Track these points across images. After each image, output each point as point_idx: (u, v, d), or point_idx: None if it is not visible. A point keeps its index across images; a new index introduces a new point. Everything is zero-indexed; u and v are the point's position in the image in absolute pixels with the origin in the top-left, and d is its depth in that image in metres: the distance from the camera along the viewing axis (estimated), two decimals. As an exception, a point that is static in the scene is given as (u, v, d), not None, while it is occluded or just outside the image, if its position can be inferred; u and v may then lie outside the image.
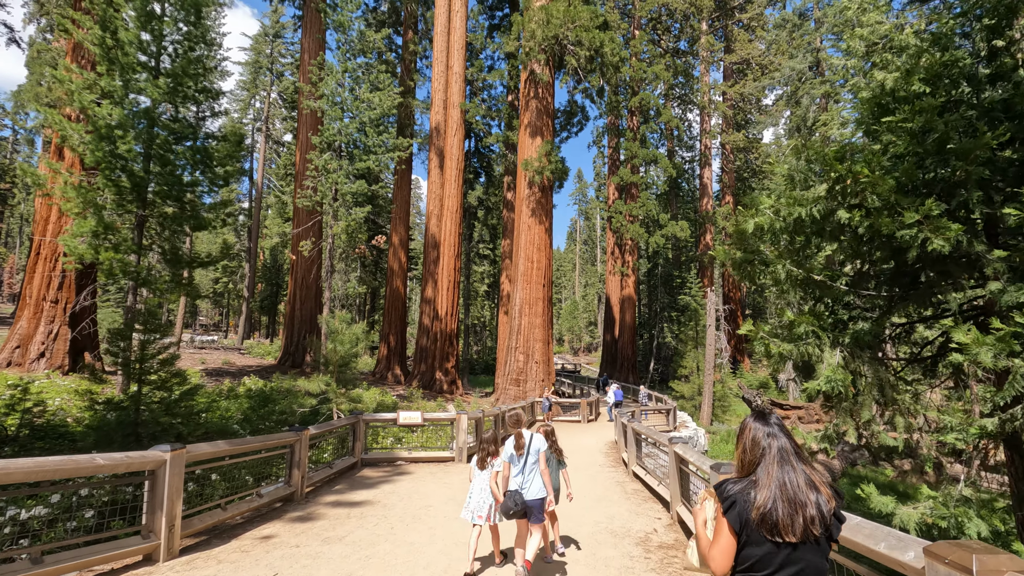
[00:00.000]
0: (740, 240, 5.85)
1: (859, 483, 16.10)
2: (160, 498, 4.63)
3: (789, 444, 1.93)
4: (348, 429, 9.27)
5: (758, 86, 47.05)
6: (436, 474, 9.12)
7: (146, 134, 14.44)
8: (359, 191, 22.16)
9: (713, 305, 28.44)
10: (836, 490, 1.92)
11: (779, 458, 1.87)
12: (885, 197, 4.26)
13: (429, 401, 25.59)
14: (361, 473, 9.07)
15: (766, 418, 2.02)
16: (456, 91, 32.35)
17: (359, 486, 8.17)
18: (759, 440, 1.94)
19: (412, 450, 9.86)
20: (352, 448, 9.32)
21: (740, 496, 1.85)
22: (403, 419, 9.60)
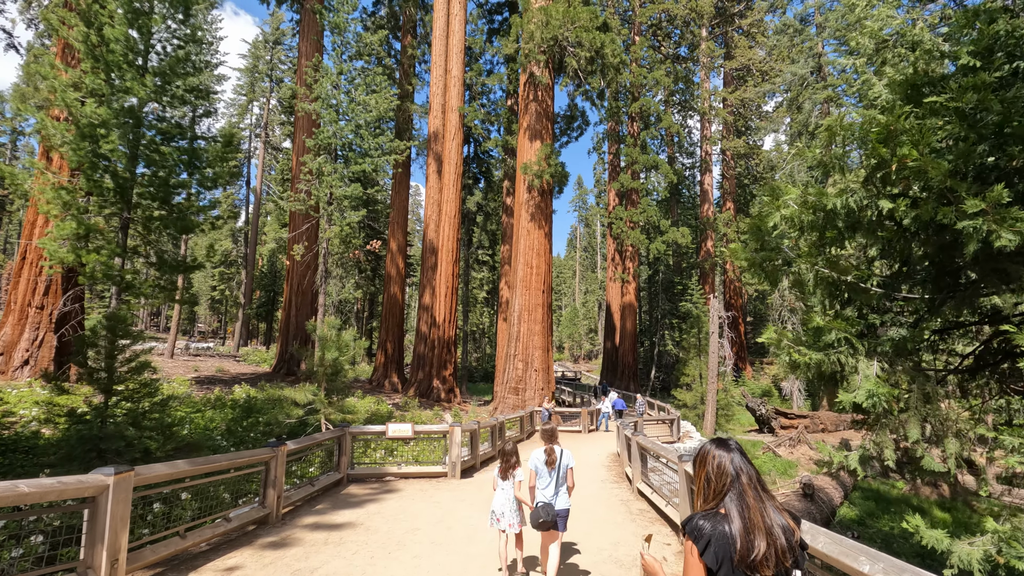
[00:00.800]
0: (757, 237, 5.29)
1: (870, 498, 15.43)
2: (101, 529, 4.04)
3: (754, 472, 1.89)
4: (333, 443, 8.66)
5: (759, 92, 46.74)
6: (427, 491, 8.51)
7: (132, 134, 13.93)
8: (354, 195, 21.64)
9: (716, 312, 27.83)
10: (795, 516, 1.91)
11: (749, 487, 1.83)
12: (938, 183, 3.69)
13: (425, 410, 24.94)
14: (347, 490, 8.45)
15: (727, 444, 1.96)
16: (455, 95, 31.94)
17: (342, 505, 7.55)
18: (725, 468, 1.87)
19: (402, 465, 9.23)
20: (337, 463, 8.71)
21: (715, 533, 1.77)
22: (392, 432, 8.99)
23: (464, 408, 27.77)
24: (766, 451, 21.47)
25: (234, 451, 8.35)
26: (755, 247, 5.26)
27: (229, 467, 5.71)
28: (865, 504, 14.11)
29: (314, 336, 11.40)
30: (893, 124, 3.92)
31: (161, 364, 32.99)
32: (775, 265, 5.09)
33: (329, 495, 8.10)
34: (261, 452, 6.27)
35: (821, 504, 11.24)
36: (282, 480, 6.58)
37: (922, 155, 3.79)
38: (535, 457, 4.99)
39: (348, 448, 8.79)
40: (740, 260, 5.39)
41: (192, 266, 15.33)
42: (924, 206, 3.87)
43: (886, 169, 4.06)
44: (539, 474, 4.93)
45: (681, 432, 19.35)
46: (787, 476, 17.49)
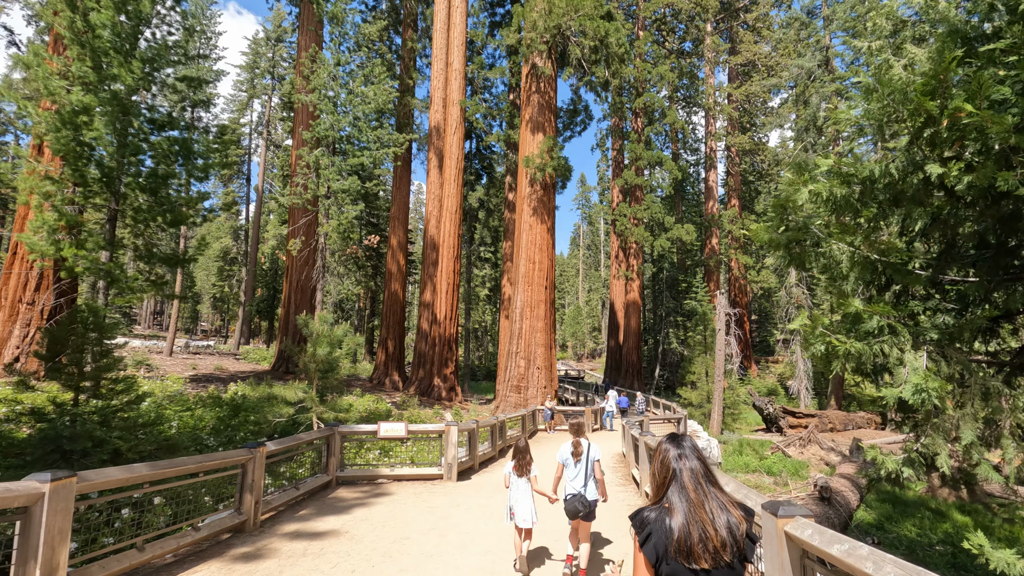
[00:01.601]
0: (782, 216, 4.74)
1: (885, 500, 14.84)
2: (35, 544, 3.52)
3: (700, 466, 1.90)
4: (321, 443, 8.15)
5: (765, 85, 46.02)
6: (420, 495, 7.98)
7: (118, 122, 13.46)
8: (352, 188, 21.13)
9: (723, 309, 27.25)
10: (746, 510, 1.90)
11: (690, 481, 1.86)
12: (999, 141, 3.13)
13: (426, 409, 24.43)
14: (335, 494, 7.94)
15: (678, 440, 2.00)
16: (456, 88, 31.40)
17: (329, 510, 7.03)
18: (668, 463, 1.92)
19: (395, 467, 8.70)
20: (326, 465, 8.18)
21: (655, 526, 1.83)
22: (384, 432, 8.47)
23: (465, 407, 27.26)
24: (775, 451, 20.88)
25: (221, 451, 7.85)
26: (780, 227, 4.70)
27: (198, 470, 5.19)
28: (881, 507, 13.53)
29: (306, 332, 10.89)
30: (942, 73, 3.35)
31: (159, 362, 32.61)
32: (803, 246, 4.53)
33: (316, 499, 7.58)
34: (236, 454, 5.76)
35: (839, 508, 10.67)
36: (260, 484, 6.06)
37: (979, 109, 3.23)
38: (563, 451, 5.19)
39: (337, 449, 8.27)
40: (763, 240, 4.84)
41: (182, 260, 14.87)
42: (981, 170, 3.31)
43: (934, 128, 3.50)
44: (567, 466, 5.13)
45: (688, 432, 18.76)
46: (799, 477, 16.91)
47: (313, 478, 7.84)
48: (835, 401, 39.01)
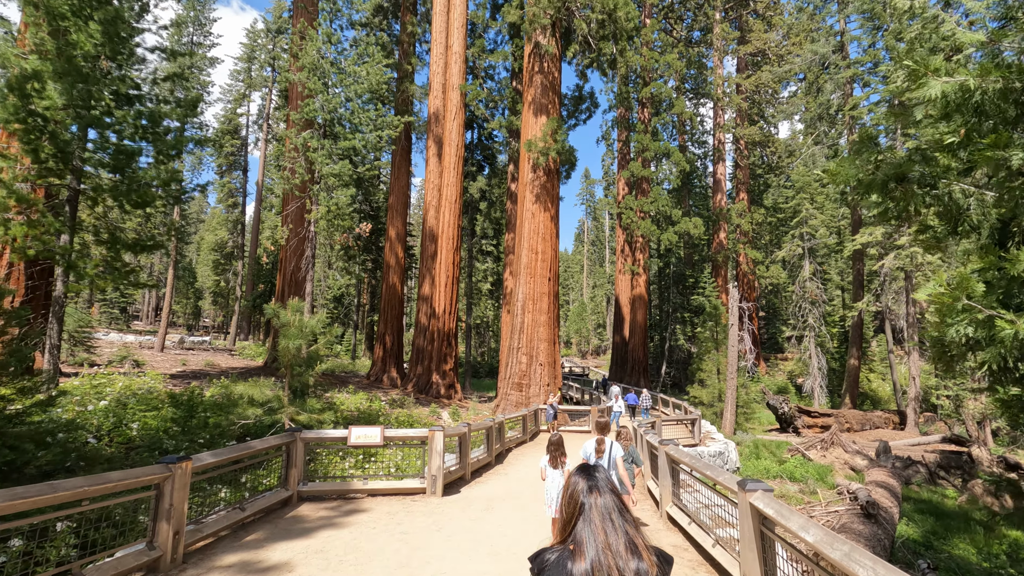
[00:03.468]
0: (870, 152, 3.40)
1: (924, 510, 13.46)
2: None
3: (612, 501, 1.69)
4: (281, 452, 6.85)
5: (777, 73, 44.43)
6: (396, 515, 6.67)
7: (77, 91, 12.18)
8: (343, 173, 19.83)
9: (735, 302, 25.85)
10: (662, 556, 1.66)
11: (600, 520, 1.64)
12: None
13: (422, 407, 23.16)
14: (296, 512, 6.64)
15: (589, 471, 1.77)
16: (456, 72, 30.03)
17: (282, 535, 5.74)
18: (577, 497, 1.71)
19: (367, 480, 7.39)
20: (284, 478, 6.88)
21: (554, 571, 1.59)
22: (355, 438, 7.16)
23: (464, 405, 25.98)
24: (794, 454, 19.50)
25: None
26: (870, 164, 3.36)
27: (81, 497, 3.88)
28: (923, 520, 12.14)
29: (276, 323, 9.60)
30: None
31: (148, 358, 31.51)
32: (908, 187, 3.18)
33: (270, 520, 6.28)
34: (147, 472, 4.45)
35: (885, 524, 9.31)
36: (183, 509, 4.75)
37: None
38: (586, 447, 5.48)
39: (299, 458, 6.96)
40: (846, 180, 3.49)
41: (149, 245, 13.60)
42: None
43: None
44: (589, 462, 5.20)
45: (702, 433, 17.40)
46: (825, 484, 15.54)
47: (267, 495, 6.53)
48: (850, 400, 37.56)
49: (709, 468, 5.14)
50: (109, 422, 10.86)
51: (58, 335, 12.86)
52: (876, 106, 32.79)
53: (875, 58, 33.98)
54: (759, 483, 4.12)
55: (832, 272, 53.99)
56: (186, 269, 62.63)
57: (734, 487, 4.35)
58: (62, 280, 12.48)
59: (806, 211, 38.00)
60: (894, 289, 36.72)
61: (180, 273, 62.25)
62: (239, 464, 6.13)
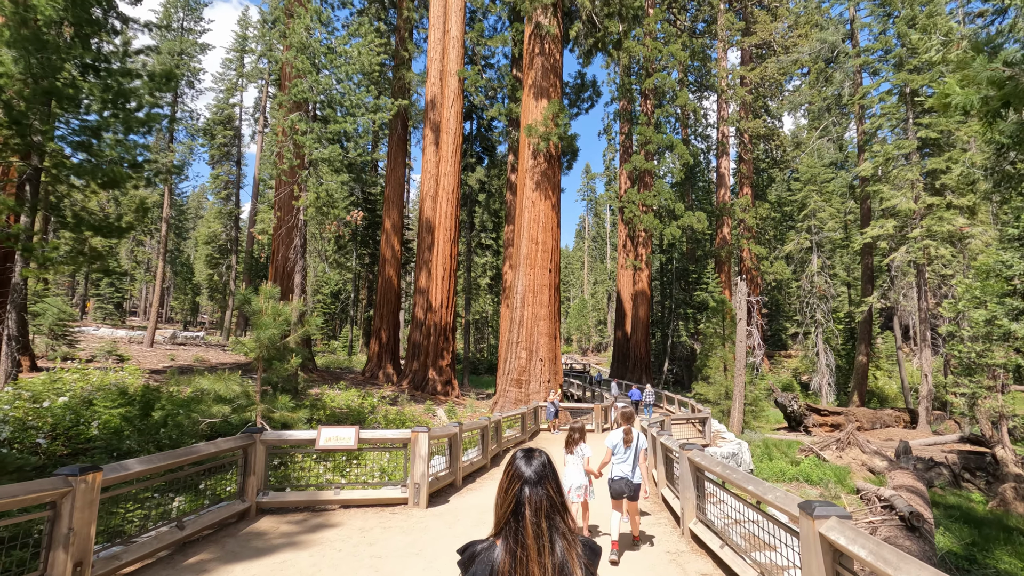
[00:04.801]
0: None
1: (956, 517, 12.46)
2: None
3: (550, 496, 1.57)
4: (233, 456, 5.85)
5: (785, 62, 43.31)
6: (371, 531, 5.68)
7: (34, 59, 11.15)
8: (333, 157, 18.82)
9: (744, 296, 24.83)
10: (589, 548, 1.59)
11: (533, 515, 1.52)
12: None
13: (417, 404, 22.18)
14: (253, 527, 5.65)
15: (530, 458, 1.64)
16: (454, 58, 28.96)
17: (229, 558, 4.75)
18: (513, 489, 1.57)
19: (340, 489, 6.37)
20: (241, 487, 5.88)
21: (480, 567, 1.52)
22: (325, 440, 6.16)
23: (461, 402, 24.99)
24: (808, 454, 18.52)
25: None
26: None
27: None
28: (959, 530, 11.14)
29: (247, 311, 8.60)
30: None
31: (136, 352, 30.54)
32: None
33: (219, 539, 5.29)
34: (36, 488, 3.46)
35: (928, 538, 8.32)
36: (88, 533, 3.76)
37: None
38: (614, 436, 5.48)
39: (258, 464, 5.96)
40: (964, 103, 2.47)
41: (120, 228, 12.59)
42: None
43: None
44: (616, 452, 5.43)
45: (712, 432, 16.39)
46: (845, 487, 14.55)
47: (215, 508, 5.53)
48: (858, 397, 36.56)
49: (751, 481, 4.13)
50: (67, 421, 9.90)
51: (18, 326, 11.87)
52: (888, 94, 31.69)
53: (886, 45, 32.85)
54: (830, 506, 3.13)
55: (838, 268, 52.95)
56: (184, 264, 61.62)
57: (792, 510, 3.34)
58: (21, 265, 11.48)
59: (814, 203, 36.92)
60: (904, 284, 35.70)
61: (178, 269, 61.28)
62: (178, 473, 5.12)
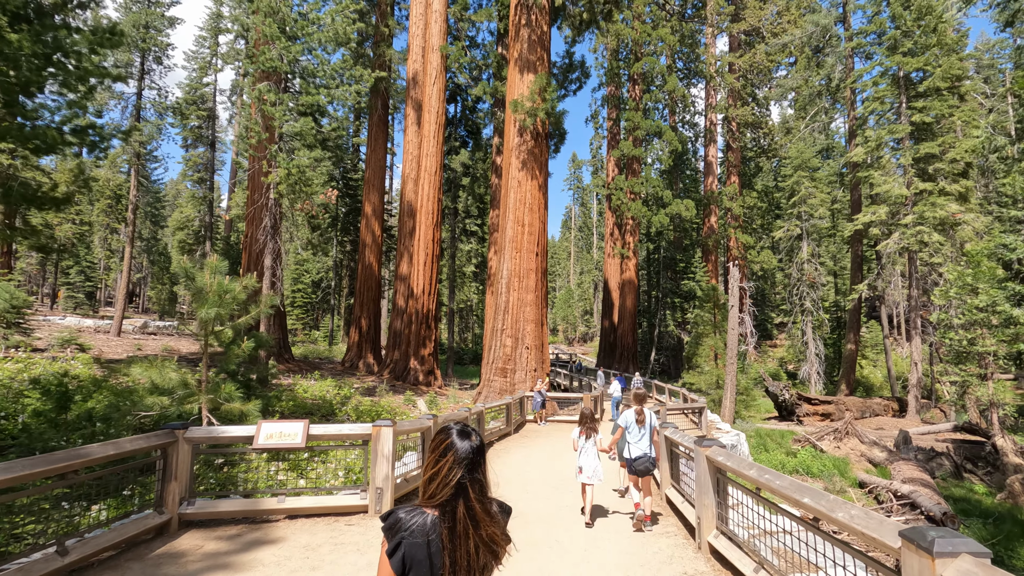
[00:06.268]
0: None
1: (967, 511, 11.75)
2: None
3: (483, 472, 1.63)
4: (148, 458, 4.73)
5: (776, 45, 42.47)
6: (318, 548, 4.60)
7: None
8: (305, 131, 17.51)
9: (735, 282, 24.04)
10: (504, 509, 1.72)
11: (474, 494, 1.56)
12: None
13: (397, 395, 21.08)
14: (171, 546, 4.55)
15: (469, 437, 1.63)
16: (436, 32, 27.59)
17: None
18: (454, 469, 1.56)
19: (283, 498, 5.27)
20: (160, 496, 4.77)
21: (410, 536, 1.51)
22: (265, 438, 5.06)
23: (444, 393, 23.93)
24: (804, 444, 17.80)
25: None
26: None
27: None
28: (973, 525, 10.39)
29: (190, 288, 7.43)
30: None
31: (101, 342, 28.97)
32: None
33: (124, 562, 4.18)
34: None
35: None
36: None
37: None
38: (627, 416, 5.94)
39: (182, 467, 4.85)
40: None
41: (52, 199, 11.26)
42: None
43: None
44: (629, 430, 5.85)
45: (706, 423, 15.55)
46: (847, 479, 13.80)
47: (121, 525, 4.41)
48: (847, 386, 36.22)
49: (805, 491, 3.13)
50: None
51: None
52: (882, 77, 30.99)
53: (880, 27, 32.12)
54: (955, 537, 2.15)
55: (825, 257, 52.68)
56: (161, 253, 59.51)
57: (890, 540, 2.34)
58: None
59: (804, 189, 36.27)
60: (890, 273, 35.30)
61: (155, 258, 59.17)
62: (72, 479, 4.00)
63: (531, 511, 6.18)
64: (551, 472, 8.83)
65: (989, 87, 48.98)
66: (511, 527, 4.72)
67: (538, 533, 5.24)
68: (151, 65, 35.22)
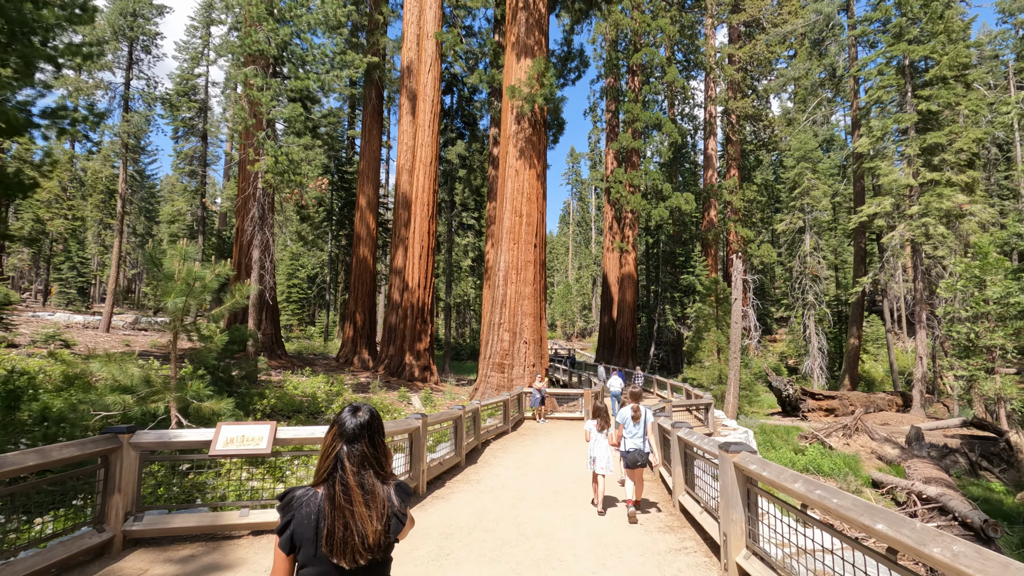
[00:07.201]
0: None
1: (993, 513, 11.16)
2: None
3: (364, 448, 1.65)
4: (94, 464, 4.08)
5: (779, 34, 41.70)
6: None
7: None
8: (293, 116, 16.79)
9: (740, 275, 23.41)
10: (401, 489, 1.71)
11: (353, 467, 1.61)
12: None
13: (391, 392, 20.45)
14: (111, 569, 3.90)
15: (354, 415, 1.70)
16: (431, 19, 26.82)
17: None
18: (334, 444, 1.65)
19: (247, 511, 4.63)
20: (101, 511, 4.13)
21: (301, 511, 1.57)
22: (225, 443, 4.40)
23: (440, 389, 23.29)
24: (812, 440, 17.21)
25: None
26: None
27: None
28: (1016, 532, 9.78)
29: (155, 275, 6.76)
30: None
31: (89, 338, 28.28)
32: None
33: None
34: None
35: (1002, 551, 6.90)
36: None
37: None
38: (623, 414, 6.35)
39: (126, 478, 4.19)
40: None
41: (17, 183, 10.55)
42: None
43: None
44: (626, 427, 6.30)
45: (713, 419, 14.95)
46: (859, 476, 13.22)
47: (48, 548, 3.76)
48: (849, 381, 35.65)
49: (877, 514, 2.49)
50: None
51: None
52: (887, 65, 30.29)
53: (886, 14, 31.41)
54: None
55: (826, 251, 52.10)
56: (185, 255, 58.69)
57: None
58: None
59: (807, 181, 35.62)
60: (893, 266, 34.70)
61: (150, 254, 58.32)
62: None
63: (529, 522, 5.55)
64: (551, 474, 8.21)
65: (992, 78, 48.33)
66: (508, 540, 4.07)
67: (539, 550, 4.60)
68: (139, 54, 34.39)
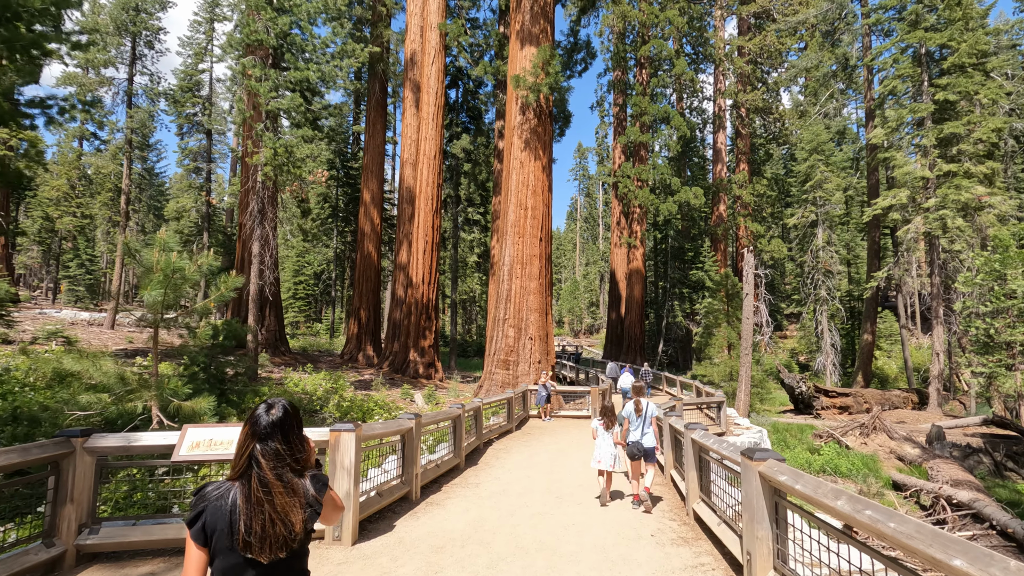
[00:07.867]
0: None
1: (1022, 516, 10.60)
2: None
3: (278, 445, 1.64)
4: (44, 471, 3.68)
5: (789, 23, 40.80)
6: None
7: None
8: (293, 107, 16.41)
9: (751, 269, 22.81)
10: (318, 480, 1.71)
11: (268, 461, 1.60)
12: None
13: (395, 389, 20.07)
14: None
15: (268, 411, 1.69)
16: (435, 10, 26.34)
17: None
18: (248, 441, 1.65)
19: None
20: (52, 523, 3.73)
21: (214, 505, 1.57)
22: (190, 447, 3.97)
23: (444, 386, 22.90)
24: (827, 439, 16.63)
25: None
26: None
27: None
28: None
29: (135, 267, 6.36)
30: None
31: (93, 335, 28.13)
32: None
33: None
34: None
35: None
36: None
37: None
38: (627, 409, 6.59)
39: (80, 486, 3.78)
40: None
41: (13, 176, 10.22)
42: None
43: None
44: (632, 421, 6.49)
45: (725, 418, 14.43)
46: (879, 477, 12.66)
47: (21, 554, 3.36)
48: (863, 378, 34.92)
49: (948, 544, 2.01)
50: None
51: None
52: (902, 53, 29.49)
53: (902, 1, 30.57)
54: None
55: (839, 245, 51.20)
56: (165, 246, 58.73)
57: None
58: None
59: (820, 174, 34.84)
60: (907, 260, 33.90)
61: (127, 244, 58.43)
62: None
63: (530, 533, 5.09)
64: (555, 477, 7.75)
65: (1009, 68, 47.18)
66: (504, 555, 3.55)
67: (538, 567, 4.14)
68: (143, 50, 34.14)
